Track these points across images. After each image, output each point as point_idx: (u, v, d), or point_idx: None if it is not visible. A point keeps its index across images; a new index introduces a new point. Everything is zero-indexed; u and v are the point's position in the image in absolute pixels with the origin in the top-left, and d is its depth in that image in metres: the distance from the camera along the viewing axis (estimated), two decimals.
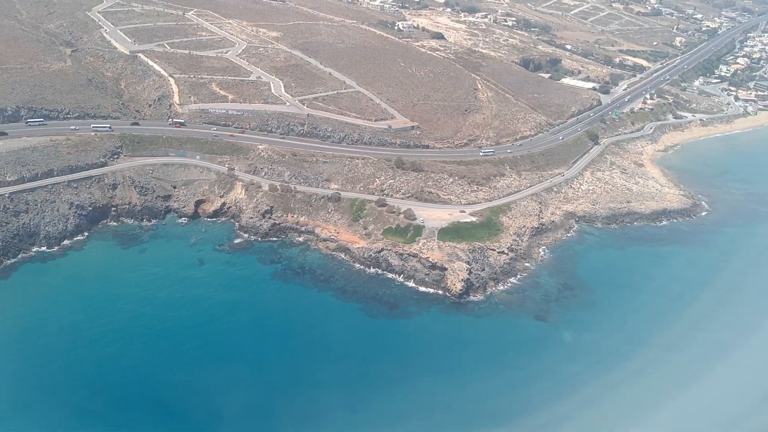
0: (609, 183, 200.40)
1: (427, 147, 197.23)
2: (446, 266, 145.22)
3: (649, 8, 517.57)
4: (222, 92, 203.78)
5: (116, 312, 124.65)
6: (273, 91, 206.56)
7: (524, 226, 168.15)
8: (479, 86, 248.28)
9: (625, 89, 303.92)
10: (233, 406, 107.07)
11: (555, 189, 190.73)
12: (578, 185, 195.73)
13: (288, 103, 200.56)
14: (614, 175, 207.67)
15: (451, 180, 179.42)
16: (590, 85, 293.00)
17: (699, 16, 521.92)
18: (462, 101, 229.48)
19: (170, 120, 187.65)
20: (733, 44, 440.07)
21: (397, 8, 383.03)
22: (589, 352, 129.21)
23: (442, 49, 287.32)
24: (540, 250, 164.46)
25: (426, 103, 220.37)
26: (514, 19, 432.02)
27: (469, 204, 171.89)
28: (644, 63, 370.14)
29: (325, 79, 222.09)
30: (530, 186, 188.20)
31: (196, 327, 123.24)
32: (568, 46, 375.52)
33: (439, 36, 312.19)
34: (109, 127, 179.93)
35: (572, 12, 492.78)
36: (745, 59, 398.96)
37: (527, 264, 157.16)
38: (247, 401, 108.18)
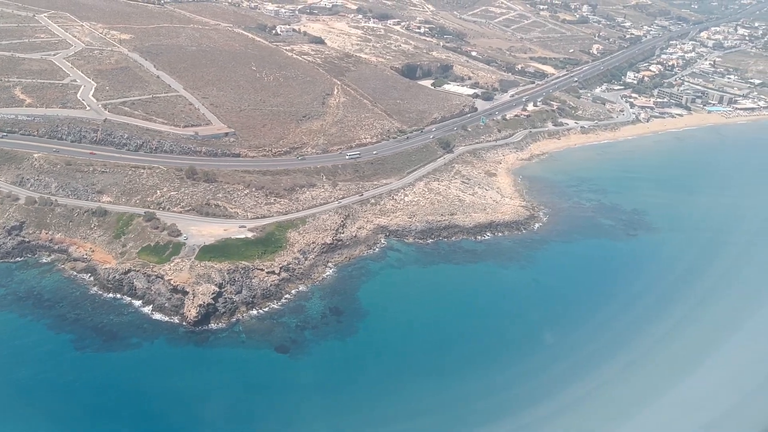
0: (441, 194, 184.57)
1: (238, 155, 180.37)
2: (188, 290, 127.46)
3: (577, 16, 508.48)
4: (22, 96, 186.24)
5: None
6: (78, 95, 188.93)
7: (314, 243, 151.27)
8: (335, 91, 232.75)
9: (512, 96, 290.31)
10: None
11: (372, 201, 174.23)
12: (402, 196, 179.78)
13: (88, 108, 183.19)
14: (452, 185, 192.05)
15: (246, 191, 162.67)
16: (471, 91, 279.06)
17: (628, 24, 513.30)
18: (304, 107, 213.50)
19: None
20: (653, 51, 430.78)
21: (293, 13, 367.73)
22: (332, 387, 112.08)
23: (313, 53, 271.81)
24: (326, 269, 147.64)
25: (257, 108, 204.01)
26: (431, 25, 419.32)
27: (257, 218, 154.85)
28: (549, 70, 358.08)
29: (149, 83, 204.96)
30: (343, 198, 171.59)
31: None
32: (474, 53, 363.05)
33: (319, 40, 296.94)
34: None
35: (497, 20, 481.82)
36: (659, 66, 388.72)
37: (301, 285, 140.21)
38: None
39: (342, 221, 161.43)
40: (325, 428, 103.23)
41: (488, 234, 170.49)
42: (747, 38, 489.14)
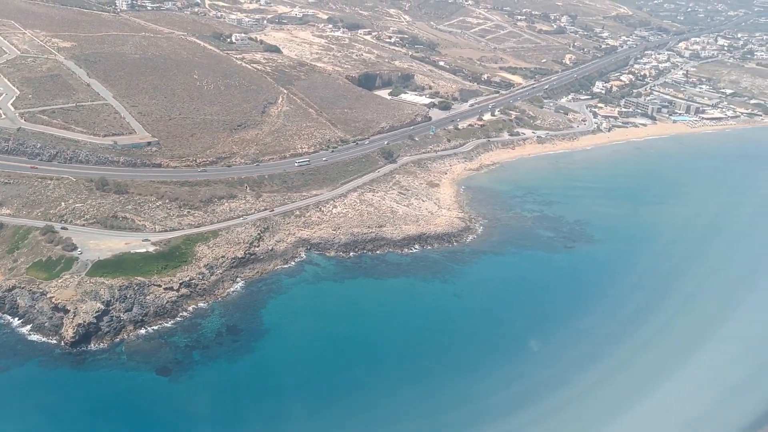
0: (373, 205, 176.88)
1: (159, 165, 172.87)
2: (70, 308, 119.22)
3: (555, 26, 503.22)
4: None
5: None
6: None
7: (224, 257, 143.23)
8: (279, 100, 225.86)
9: (471, 105, 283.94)
10: None
11: (297, 213, 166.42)
12: (331, 208, 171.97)
13: (4, 116, 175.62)
14: (388, 196, 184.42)
15: (158, 203, 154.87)
16: (427, 101, 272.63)
17: (605, 34, 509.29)
18: (241, 115, 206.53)
19: None
20: (627, 62, 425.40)
21: (258, 22, 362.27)
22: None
23: (264, 62, 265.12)
24: (234, 284, 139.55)
25: (189, 117, 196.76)
26: (404, 35, 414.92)
27: (166, 231, 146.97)
28: (517, 80, 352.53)
29: (77, 91, 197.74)
30: (264, 210, 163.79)
31: None
32: (442, 63, 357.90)
33: (274, 49, 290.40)
34: None
35: (472, 30, 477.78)
36: (630, 76, 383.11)
37: (202, 302, 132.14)
38: None
39: (259, 234, 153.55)
40: None
41: (417, 247, 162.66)
42: (726, 49, 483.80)
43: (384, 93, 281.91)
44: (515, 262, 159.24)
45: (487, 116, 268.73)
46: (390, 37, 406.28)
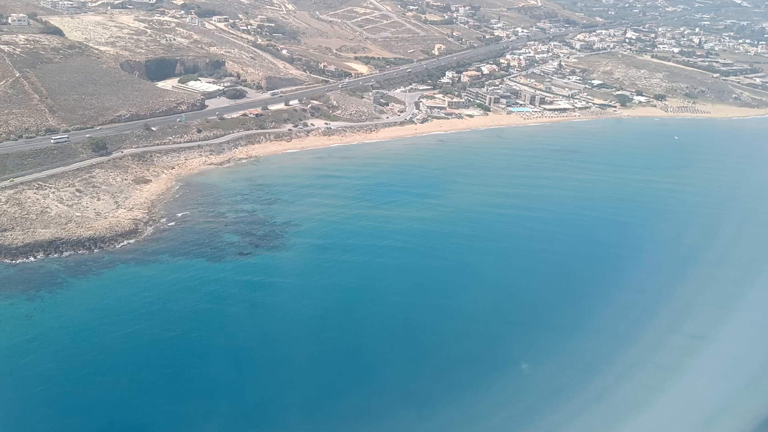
0: (20, 205, 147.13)
1: None
2: None
3: (446, 16, 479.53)
4: None
5: None
6: None
7: None
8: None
9: (273, 94, 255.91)
10: None
11: None
12: None
13: None
14: (56, 194, 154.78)
15: None
16: (213, 88, 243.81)
17: (499, 25, 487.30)
18: None
19: None
20: (503, 53, 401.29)
21: (80, 5, 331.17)
22: None
23: (22, 43, 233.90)
24: None
25: None
26: (271, 24, 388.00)
27: None
28: (362, 69, 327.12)
29: None
30: None
31: None
32: (284, 51, 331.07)
33: (54, 31, 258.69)
34: None
35: (354, 20, 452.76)
36: (493, 66, 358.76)
37: None
38: None
39: None
40: None
41: (39, 255, 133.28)
42: (630, 41, 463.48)
43: (175, 80, 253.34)
44: (149, 273, 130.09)
45: (278, 106, 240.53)
46: (248, 25, 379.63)
